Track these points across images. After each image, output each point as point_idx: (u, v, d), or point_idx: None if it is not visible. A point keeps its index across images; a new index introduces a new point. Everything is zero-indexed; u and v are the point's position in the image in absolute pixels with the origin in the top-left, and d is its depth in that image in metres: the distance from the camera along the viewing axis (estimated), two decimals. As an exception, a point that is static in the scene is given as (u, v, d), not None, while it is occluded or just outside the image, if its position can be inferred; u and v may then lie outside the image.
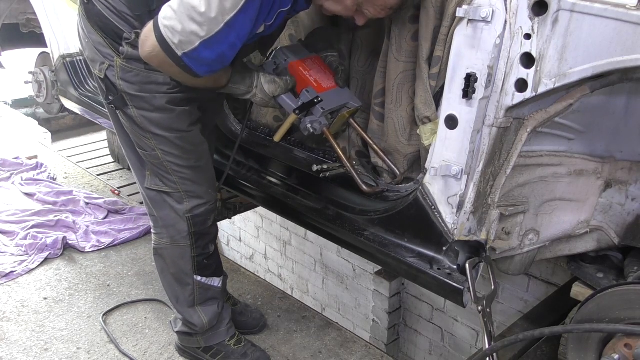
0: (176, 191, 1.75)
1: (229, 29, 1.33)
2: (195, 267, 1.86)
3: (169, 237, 1.82)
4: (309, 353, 2.20)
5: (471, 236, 1.56)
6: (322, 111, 1.69)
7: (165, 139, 1.65)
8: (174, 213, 1.77)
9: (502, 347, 1.43)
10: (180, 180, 1.74)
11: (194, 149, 1.73)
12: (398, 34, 1.59)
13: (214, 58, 1.40)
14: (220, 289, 1.98)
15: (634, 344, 1.31)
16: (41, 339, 2.21)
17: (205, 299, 1.93)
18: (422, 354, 3.86)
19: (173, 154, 1.69)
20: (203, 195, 1.79)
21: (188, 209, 1.77)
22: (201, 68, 1.42)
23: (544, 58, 1.24)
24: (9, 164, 3.61)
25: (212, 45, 1.36)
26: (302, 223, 2.09)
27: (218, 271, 1.96)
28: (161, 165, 1.71)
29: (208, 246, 1.88)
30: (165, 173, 1.73)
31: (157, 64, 1.46)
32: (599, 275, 1.67)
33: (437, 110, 1.51)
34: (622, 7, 1.11)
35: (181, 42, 1.36)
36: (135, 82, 1.56)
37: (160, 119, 1.62)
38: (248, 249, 5.16)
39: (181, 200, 1.76)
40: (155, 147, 1.67)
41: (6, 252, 2.71)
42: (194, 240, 1.82)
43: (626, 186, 1.56)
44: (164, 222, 1.81)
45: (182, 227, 1.79)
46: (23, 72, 3.60)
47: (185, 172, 1.73)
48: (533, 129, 1.39)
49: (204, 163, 1.79)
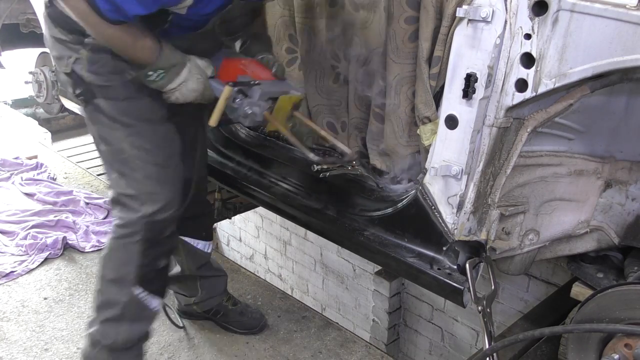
0: (139, 192, 1.65)
1: None
2: (137, 277, 1.73)
3: (122, 238, 1.71)
4: (309, 353, 2.20)
5: (471, 236, 1.56)
6: (260, 92, 1.56)
7: (135, 129, 1.60)
8: (133, 215, 1.67)
9: (502, 347, 1.43)
10: (145, 179, 1.64)
11: (165, 145, 1.66)
12: (394, 35, 1.59)
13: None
14: (154, 313, 1.83)
15: (634, 344, 1.31)
16: (41, 339, 2.21)
17: (136, 317, 1.79)
18: (422, 354, 3.86)
19: (142, 147, 1.61)
20: (165, 199, 1.67)
21: (147, 213, 1.66)
22: (107, 5, 1.30)
23: (544, 58, 1.24)
24: (9, 164, 3.61)
25: None
26: (302, 223, 2.09)
27: (160, 292, 1.83)
28: (126, 162, 1.63)
29: (159, 258, 1.75)
30: (129, 170, 1.64)
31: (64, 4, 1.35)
32: (599, 275, 1.67)
33: (437, 110, 1.51)
34: (622, 7, 1.11)
35: None
36: (103, 72, 1.53)
37: (131, 107, 1.57)
38: (248, 249, 5.16)
39: (143, 203, 1.66)
40: (123, 138, 1.60)
41: (6, 252, 2.71)
42: (145, 247, 1.70)
43: (626, 186, 1.56)
44: (120, 222, 1.71)
45: (137, 229, 1.67)
46: (23, 72, 3.60)
47: (151, 170, 1.64)
48: (533, 129, 1.39)
49: (173, 165, 1.70)
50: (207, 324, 2.30)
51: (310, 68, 1.96)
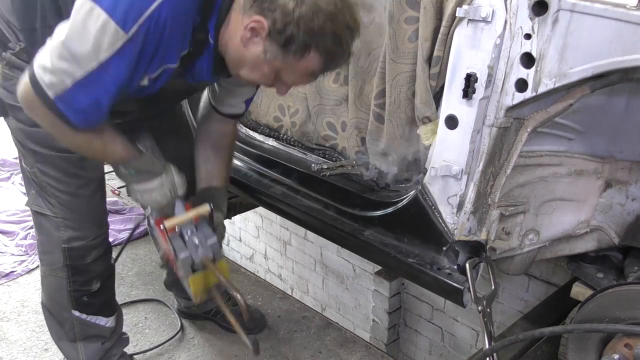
0: (55, 215, 1.61)
1: (104, 72, 1.18)
2: (73, 302, 1.71)
3: (47, 265, 1.70)
4: (309, 353, 2.20)
5: (471, 236, 1.56)
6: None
7: (43, 156, 1.53)
8: (51, 239, 1.64)
9: (502, 347, 1.43)
10: (59, 205, 1.60)
11: (77, 173, 1.58)
12: (394, 35, 1.58)
13: (88, 103, 1.23)
14: (109, 328, 1.83)
15: (634, 344, 1.31)
16: (41, 339, 2.21)
17: (87, 335, 1.78)
18: (422, 354, 3.86)
19: (51, 176, 1.56)
20: (80, 228, 1.64)
21: (65, 238, 1.63)
22: (76, 116, 1.24)
23: (544, 58, 1.24)
24: (9, 164, 3.61)
25: (86, 88, 1.20)
26: (302, 223, 2.09)
27: (106, 310, 1.81)
28: (40, 185, 1.59)
29: (90, 283, 1.72)
30: (44, 194, 1.60)
31: (30, 109, 1.28)
32: (599, 275, 1.67)
33: (437, 110, 1.51)
34: (622, 7, 1.11)
35: (52, 82, 1.19)
36: (14, 91, 1.37)
37: (38, 133, 1.47)
38: (248, 249, 5.15)
39: (58, 227, 1.62)
40: (32, 164, 1.56)
41: (6, 252, 2.71)
42: (70, 274, 1.67)
43: (626, 186, 1.56)
44: (42, 248, 1.69)
45: (57, 256, 1.65)
46: (23, 72, 3.59)
47: (63, 198, 1.59)
48: (533, 129, 1.38)
49: (88, 193, 1.63)
50: (207, 325, 2.30)
51: (310, 68, 1.96)
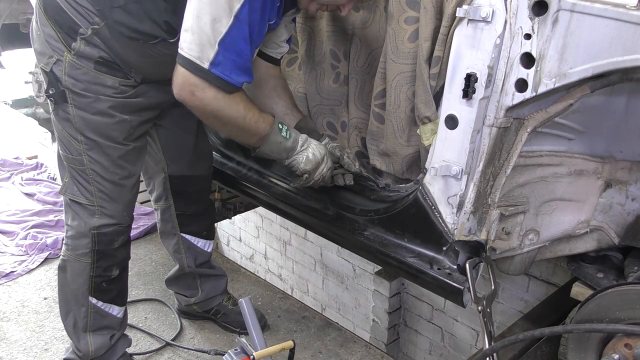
0: (90, 204, 1.67)
1: (240, 23, 1.34)
2: (92, 288, 1.76)
3: (73, 249, 1.73)
4: (309, 353, 2.20)
5: (471, 236, 1.56)
6: None
7: (98, 145, 1.59)
8: (82, 226, 1.69)
9: (502, 347, 1.42)
10: (99, 192, 1.66)
11: (124, 165, 1.66)
12: (393, 35, 1.59)
13: (236, 57, 1.38)
14: (119, 320, 1.88)
15: (634, 344, 1.31)
16: (41, 339, 2.21)
17: (98, 326, 1.83)
18: (422, 354, 3.86)
19: (100, 164, 1.62)
20: (116, 215, 1.70)
21: (97, 225, 1.68)
22: (232, 75, 1.39)
23: (544, 58, 1.24)
24: (9, 164, 3.62)
25: (231, 43, 1.35)
26: (302, 223, 2.09)
27: (119, 299, 1.86)
28: (83, 173, 1.63)
29: (111, 269, 1.77)
30: (84, 182, 1.64)
31: (190, 100, 1.40)
32: (599, 275, 1.67)
33: (437, 110, 1.51)
34: (622, 7, 1.11)
35: (202, 52, 1.34)
36: (82, 80, 1.52)
37: (99, 123, 1.56)
38: (248, 249, 5.15)
39: (93, 214, 1.68)
40: (83, 151, 1.60)
41: (6, 252, 2.71)
42: (95, 259, 1.72)
43: (626, 186, 1.56)
44: (71, 233, 1.73)
45: (86, 242, 1.70)
46: (23, 72, 3.60)
47: (105, 186, 1.65)
48: (533, 129, 1.39)
49: (130, 184, 1.71)
50: (207, 324, 2.30)
51: (310, 68, 1.96)
